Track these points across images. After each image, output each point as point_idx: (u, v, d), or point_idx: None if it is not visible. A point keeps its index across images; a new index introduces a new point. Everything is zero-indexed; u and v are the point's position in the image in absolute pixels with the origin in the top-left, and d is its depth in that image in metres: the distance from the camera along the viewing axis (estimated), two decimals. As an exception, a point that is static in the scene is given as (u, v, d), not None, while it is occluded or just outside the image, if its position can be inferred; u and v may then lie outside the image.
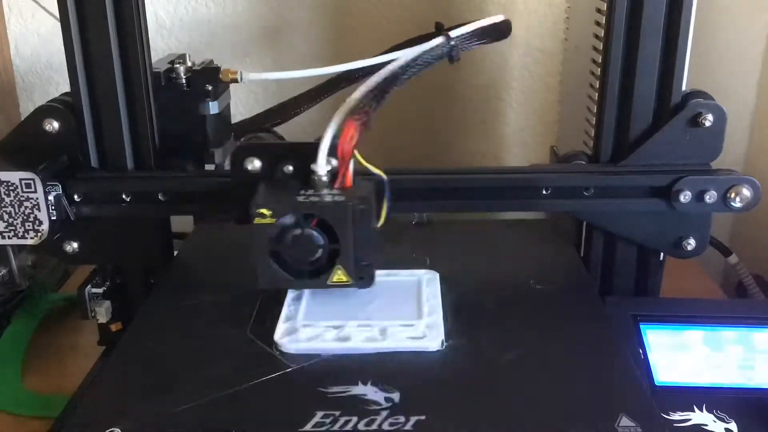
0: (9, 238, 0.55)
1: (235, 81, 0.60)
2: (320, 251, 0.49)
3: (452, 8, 0.83)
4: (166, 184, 0.57)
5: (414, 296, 0.54)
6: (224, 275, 0.60)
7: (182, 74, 0.61)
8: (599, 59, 0.59)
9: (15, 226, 0.55)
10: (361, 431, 0.42)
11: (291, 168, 0.53)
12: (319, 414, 0.43)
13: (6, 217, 0.54)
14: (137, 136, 0.57)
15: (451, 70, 0.87)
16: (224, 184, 0.57)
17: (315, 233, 0.48)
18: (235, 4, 0.85)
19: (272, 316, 0.51)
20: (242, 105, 0.86)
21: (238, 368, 0.47)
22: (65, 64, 0.55)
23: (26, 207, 0.54)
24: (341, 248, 0.48)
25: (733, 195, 0.55)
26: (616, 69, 0.56)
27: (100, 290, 0.60)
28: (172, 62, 0.61)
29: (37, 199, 0.54)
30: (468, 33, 0.53)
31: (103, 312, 0.60)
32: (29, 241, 0.55)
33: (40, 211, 0.54)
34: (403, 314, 0.52)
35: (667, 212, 0.56)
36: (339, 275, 0.49)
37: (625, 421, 0.42)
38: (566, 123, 0.76)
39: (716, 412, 0.49)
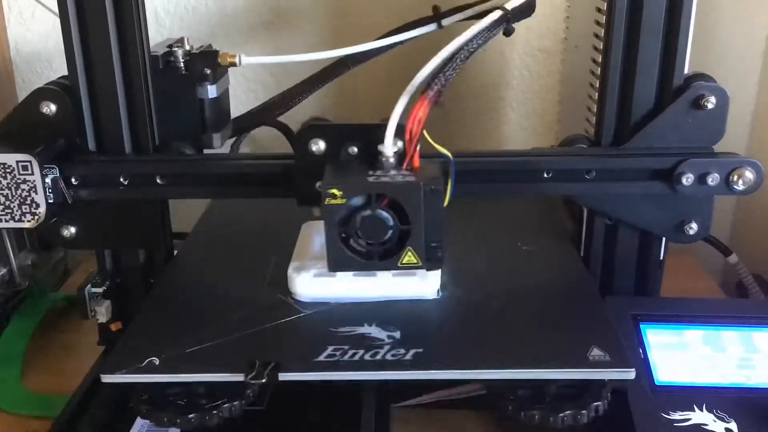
0: (6, 221, 0.55)
1: (234, 65, 0.60)
2: (390, 232, 0.49)
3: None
4: (164, 168, 0.57)
5: None
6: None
7: (180, 58, 0.60)
8: (599, 59, 0.59)
9: (12, 209, 0.55)
10: (367, 360, 0.48)
11: (356, 149, 0.53)
12: (330, 348, 0.49)
13: (3, 199, 0.54)
14: (135, 119, 0.57)
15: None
16: (222, 167, 0.58)
17: (385, 214, 0.48)
18: (235, 3, 0.85)
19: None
20: (241, 104, 0.86)
21: (257, 314, 0.53)
22: (65, 63, 0.55)
23: (23, 189, 0.54)
24: (412, 229, 0.49)
25: (735, 178, 0.55)
26: (618, 52, 0.56)
27: (100, 290, 0.60)
28: (170, 46, 0.61)
29: (34, 181, 0.54)
30: (519, 6, 0.53)
31: (103, 312, 0.60)
32: (26, 224, 0.55)
33: (37, 193, 0.54)
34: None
35: (669, 195, 0.56)
36: (409, 257, 0.49)
37: (596, 351, 0.48)
38: (566, 123, 0.76)
39: (716, 411, 0.49)
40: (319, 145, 0.54)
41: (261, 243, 0.64)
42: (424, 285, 0.54)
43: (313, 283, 0.54)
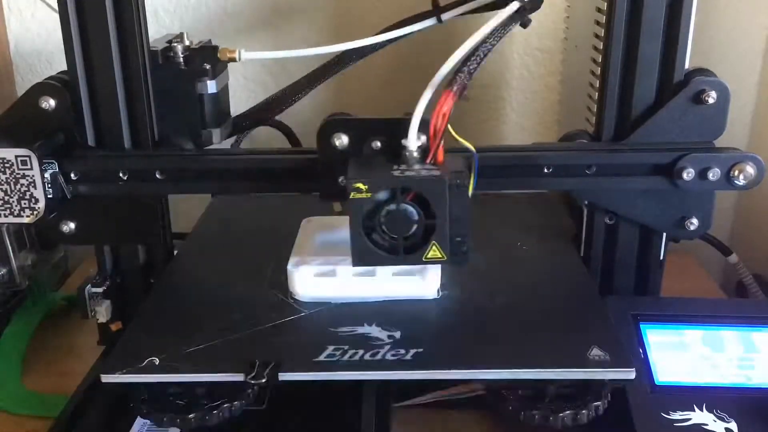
0: (5, 216, 0.55)
1: (233, 60, 0.59)
2: (415, 227, 0.49)
3: None
4: (163, 163, 0.57)
5: None
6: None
7: (180, 53, 0.59)
8: (599, 59, 0.59)
9: (11, 204, 0.54)
10: (367, 360, 0.48)
11: (379, 144, 0.53)
12: (330, 348, 0.49)
13: (2, 194, 0.54)
14: (134, 114, 0.57)
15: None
16: (222, 163, 0.58)
17: (410, 208, 0.48)
18: (235, 2, 0.85)
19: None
20: (241, 104, 0.86)
21: (257, 314, 0.53)
22: (65, 62, 0.55)
23: (22, 184, 0.54)
24: (437, 224, 0.48)
25: (736, 173, 0.55)
26: (619, 48, 0.56)
27: (100, 290, 0.60)
28: (169, 41, 0.60)
29: (33, 176, 0.54)
30: None
31: (103, 311, 0.60)
32: (25, 220, 0.55)
33: (36, 188, 0.54)
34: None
35: (669, 190, 0.56)
36: (434, 251, 0.49)
37: (596, 351, 0.48)
38: (566, 123, 0.76)
39: (716, 411, 0.49)
40: (342, 140, 0.54)
41: (261, 242, 0.64)
42: (424, 285, 0.54)
43: (313, 283, 0.54)
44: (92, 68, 0.56)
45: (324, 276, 0.54)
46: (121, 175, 0.56)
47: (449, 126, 0.49)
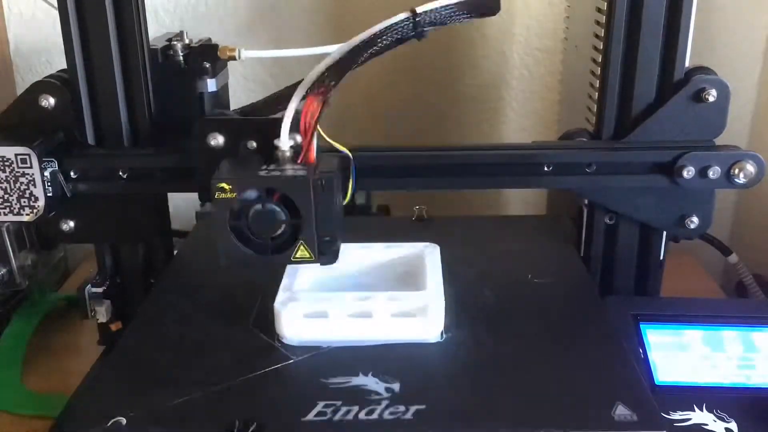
0: (5, 214, 0.55)
1: (233, 59, 0.59)
2: (283, 227, 0.48)
3: None
4: (162, 161, 0.57)
5: (415, 273, 0.55)
6: (225, 274, 0.60)
7: (180, 51, 0.60)
8: (599, 59, 0.59)
9: (11, 203, 0.54)
10: (362, 420, 0.43)
11: (254, 144, 0.53)
12: (321, 404, 0.44)
13: (2, 193, 0.54)
14: (134, 113, 0.57)
15: (451, 70, 0.87)
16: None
17: (277, 208, 0.48)
18: (235, 2, 0.85)
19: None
20: (242, 104, 0.86)
21: (240, 360, 0.48)
22: (65, 61, 0.55)
23: (22, 183, 0.54)
24: (303, 223, 0.48)
25: (736, 171, 0.55)
26: (619, 46, 0.56)
27: (100, 290, 0.60)
28: (169, 39, 0.61)
29: (32, 174, 0.54)
30: (437, 8, 0.50)
31: (103, 311, 0.60)
32: (25, 218, 0.55)
33: (36, 187, 0.54)
34: (402, 301, 0.50)
35: (669, 189, 0.56)
36: (302, 251, 0.48)
37: (621, 410, 0.43)
38: (566, 123, 0.76)
39: (716, 411, 0.49)
40: (217, 140, 0.53)
41: (246, 272, 0.57)
42: (425, 327, 0.50)
43: (303, 325, 0.50)
44: (92, 67, 0.56)
45: (315, 317, 0.50)
46: (120, 173, 0.56)
47: (319, 128, 0.48)
